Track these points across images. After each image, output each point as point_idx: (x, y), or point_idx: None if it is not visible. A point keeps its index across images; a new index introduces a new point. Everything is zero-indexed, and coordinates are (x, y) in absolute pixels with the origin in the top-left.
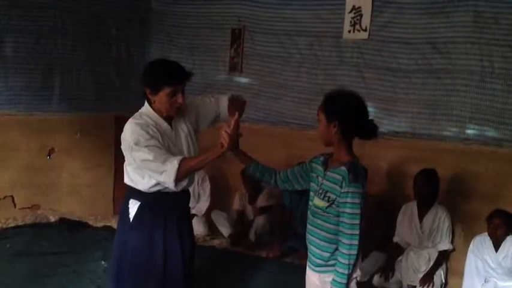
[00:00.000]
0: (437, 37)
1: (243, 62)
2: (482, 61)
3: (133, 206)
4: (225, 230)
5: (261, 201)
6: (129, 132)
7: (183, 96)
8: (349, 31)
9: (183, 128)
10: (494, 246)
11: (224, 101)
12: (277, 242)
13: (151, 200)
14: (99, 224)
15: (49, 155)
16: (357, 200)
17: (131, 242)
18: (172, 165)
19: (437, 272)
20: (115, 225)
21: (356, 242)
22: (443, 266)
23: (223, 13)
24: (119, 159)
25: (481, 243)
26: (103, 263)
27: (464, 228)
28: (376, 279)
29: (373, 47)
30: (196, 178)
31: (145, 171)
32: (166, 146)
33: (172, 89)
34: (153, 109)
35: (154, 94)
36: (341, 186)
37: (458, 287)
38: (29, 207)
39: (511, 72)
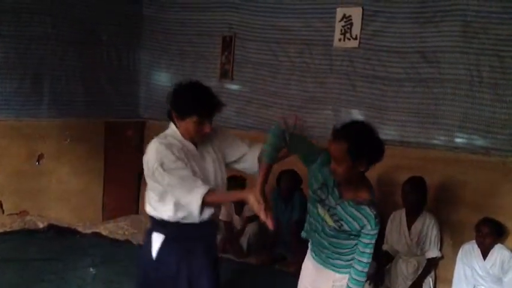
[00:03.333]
0: (427, 46)
1: (233, 69)
2: (470, 70)
3: (157, 240)
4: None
5: (248, 210)
6: (153, 152)
7: (210, 126)
8: (340, 39)
9: (210, 153)
10: (482, 254)
11: (256, 151)
12: (266, 249)
13: (175, 231)
14: (88, 231)
15: (38, 160)
16: (376, 237)
17: (155, 275)
18: (196, 198)
19: (426, 280)
20: (104, 232)
21: (368, 267)
22: (432, 273)
23: (214, 20)
24: (109, 165)
25: (470, 251)
26: (91, 269)
27: (452, 236)
28: (365, 287)
29: (363, 56)
30: None
31: (169, 195)
32: (192, 169)
33: (201, 119)
34: (179, 130)
35: (181, 119)
36: (363, 227)
37: None
38: (17, 213)
39: (499, 81)
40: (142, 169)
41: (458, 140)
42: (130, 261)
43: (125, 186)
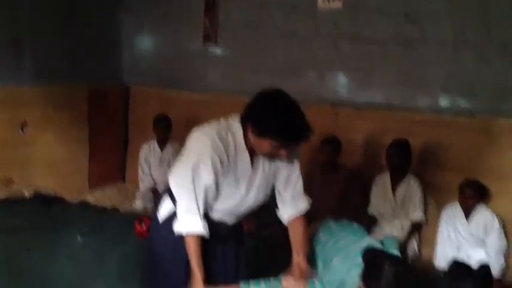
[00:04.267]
0: (412, 7)
1: (217, 32)
2: (455, 32)
3: (165, 206)
4: None
5: None
6: (198, 147)
7: (287, 151)
8: (324, 0)
9: (265, 167)
10: (465, 215)
11: (300, 204)
12: (252, 216)
13: None
14: (75, 199)
15: (22, 128)
16: None
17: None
18: (183, 226)
19: (410, 242)
20: (91, 200)
21: None
22: (416, 236)
23: None
24: (94, 133)
25: (453, 213)
26: (79, 238)
27: (436, 198)
28: None
29: (347, 17)
30: (171, 151)
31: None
32: (229, 182)
33: (282, 145)
34: (244, 136)
35: (255, 136)
36: None
37: (431, 257)
38: (2, 183)
39: (484, 43)
40: (127, 137)
41: (442, 102)
42: (118, 230)
43: (111, 154)
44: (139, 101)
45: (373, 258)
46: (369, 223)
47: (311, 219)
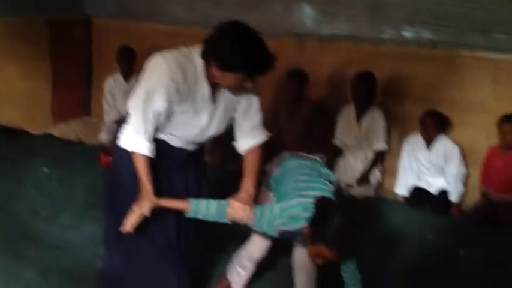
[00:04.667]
0: None
1: None
2: None
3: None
4: None
5: None
6: (155, 72)
7: (253, 83)
8: None
9: (227, 99)
10: (426, 145)
11: (255, 137)
12: (218, 149)
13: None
14: (40, 132)
15: None
16: None
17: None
18: (134, 144)
19: (373, 172)
20: (56, 134)
21: None
22: (379, 166)
23: None
24: (56, 66)
25: (414, 143)
26: (45, 169)
27: (399, 129)
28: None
29: None
30: (136, 83)
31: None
32: (187, 112)
33: (247, 78)
34: (207, 71)
35: (220, 71)
36: None
37: (393, 186)
38: None
39: None
40: (91, 69)
41: (406, 33)
42: (84, 161)
43: (75, 88)
44: (101, 33)
45: (324, 208)
46: (334, 154)
47: (277, 150)
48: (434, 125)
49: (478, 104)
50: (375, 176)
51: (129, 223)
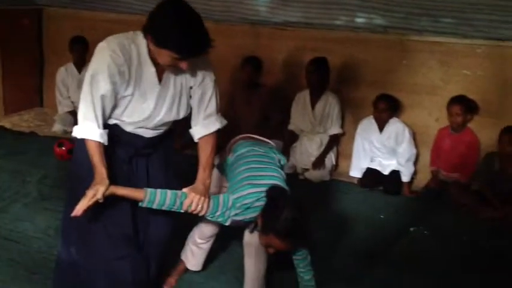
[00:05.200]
0: None
1: None
2: None
3: None
4: None
5: None
6: (98, 57)
7: (189, 63)
8: None
9: (176, 84)
10: (379, 128)
11: (211, 125)
12: (177, 134)
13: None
14: None
15: None
16: None
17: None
18: (85, 131)
19: (328, 156)
20: (7, 125)
21: None
22: (334, 149)
23: None
24: (6, 56)
25: (367, 126)
26: None
27: (353, 113)
28: None
29: None
30: None
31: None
32: (134, 95)
33: (179, 57)
34: (148, 49)
35: (156, 47)
36: None
37: (347, 168)
38: None
39: None
40: (43, 60)
41: (358, 19)
42: (36, 152)
43: (27, 79)
44: (53, 22)
45: (274, 198)
46: (290, 139)
47: (233, 135)
48: (386, 108)
49: (428, 86)
50: (330, 159)
51: (81, 207)
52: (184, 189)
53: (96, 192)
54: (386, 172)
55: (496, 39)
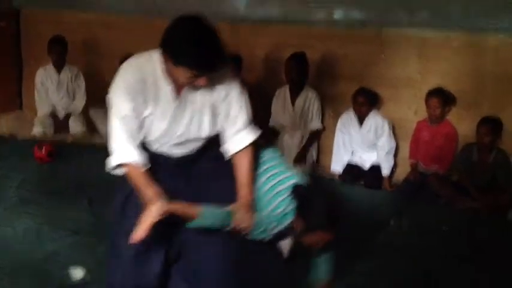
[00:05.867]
0: None
1: None
2: None
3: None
4: (105, 127)
5: None
6: (116, 81)
7: (207, 79)
8: None
9: (195, 102)
10: (358, 122)
11: (242, 139)
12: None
13: None
14: None
15: None
16: None
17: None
18: (118, 157)
19: (309, 151)
20: None
21: None
22: (315, 145)
23: None
24: None
25: (347, 120)
26: None
27: (333, 108)
28: None
29: None
30: (69, 75)
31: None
32: (155, 115)
33: (197, 74)
34: (163, 66)
35: (171, 63)
36: None
37: (328, 163)
38: None
39: None
40: (22, 62)
41: (337, 15)
42: (17, 156)
43: (5, 81)
44: (31, 24)
45: (304, 195)
46: (271, 136)
47: None
48: (365, 102)
49: (406, 79)
50: (311, 155)
51: (140, 232)
52: (231, 207)
53: (152, 212)
54: (366, 166)
55: (472, 31)
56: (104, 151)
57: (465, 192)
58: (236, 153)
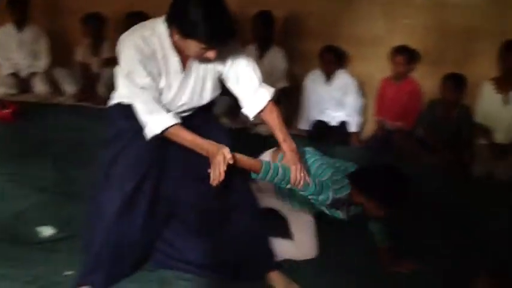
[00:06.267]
0: None
1: None
2: None
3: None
4: (69, 86)
5: (106, 51)
6: (125, 55)
7: (216, 51)
8: None
9: (199, 70)
10: (326, 80)
11: (261, 97)
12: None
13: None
14: None
15: None
16: None
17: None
18: (158, 124)
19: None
20: None
21: None
22: (282, 103)
23: None
24: None
25: (315, 79)
26: None
27: (300, 66)
28: (224, 120)
29: None
30: (31, 34)
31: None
32: (159, 88)
33: (207, 46)
34: (171, 38)
35: (181, 38)
36: None
37: (296, 121)
38: None
39: None
40: None
41: None
42: None
43: None
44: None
45: (363, 174)
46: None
47: None
48: (332, 60)
49: (372, 37)
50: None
51: (216, 174)
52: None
53: (224, 154)
54: (334, 123)
55: None
56: (67, 110)
57: (430, 148)
58: (261, 111)
